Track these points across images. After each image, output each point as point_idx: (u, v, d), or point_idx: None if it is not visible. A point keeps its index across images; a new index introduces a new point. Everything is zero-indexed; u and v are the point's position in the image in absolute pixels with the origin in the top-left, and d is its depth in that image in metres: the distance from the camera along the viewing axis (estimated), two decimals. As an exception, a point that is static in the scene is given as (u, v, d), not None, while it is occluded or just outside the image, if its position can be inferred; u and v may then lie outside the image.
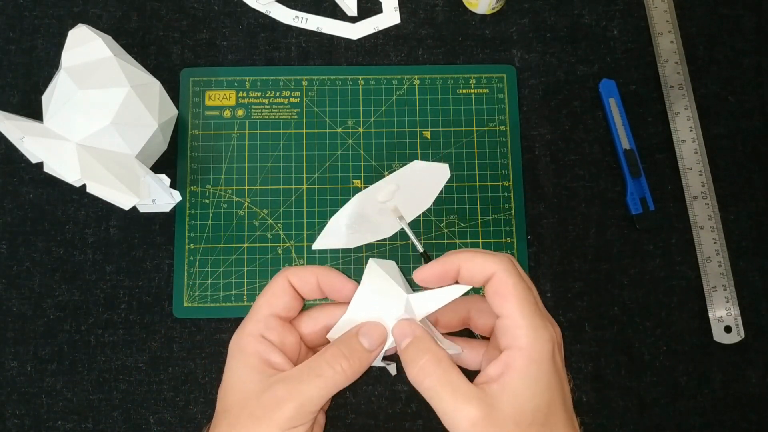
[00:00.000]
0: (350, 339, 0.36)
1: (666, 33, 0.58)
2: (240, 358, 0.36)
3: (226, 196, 0.54)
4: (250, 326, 0.37)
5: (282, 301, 0.37)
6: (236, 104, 0.56)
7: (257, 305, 0.37)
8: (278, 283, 0.38)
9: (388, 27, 0.58)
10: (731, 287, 0.53)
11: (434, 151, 0.55)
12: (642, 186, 0.55)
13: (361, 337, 0.36)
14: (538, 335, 0.33)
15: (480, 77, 0.57)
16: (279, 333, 0.37)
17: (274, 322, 0.37)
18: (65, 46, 0.48)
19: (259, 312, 0.37)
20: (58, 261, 0.53)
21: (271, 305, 0.37)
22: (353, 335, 0.37)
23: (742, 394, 0.52)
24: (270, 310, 0.37)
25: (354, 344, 0.36)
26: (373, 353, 0.36)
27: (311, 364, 0.35)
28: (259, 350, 0.36)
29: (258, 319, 0.37)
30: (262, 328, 0.37)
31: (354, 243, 0.53)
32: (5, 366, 0.52)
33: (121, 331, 0.52)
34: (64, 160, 0.45)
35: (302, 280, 0.38)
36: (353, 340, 0.36)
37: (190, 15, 0.58)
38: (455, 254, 0.36)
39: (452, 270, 0.36)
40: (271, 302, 0.37)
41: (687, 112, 0.56)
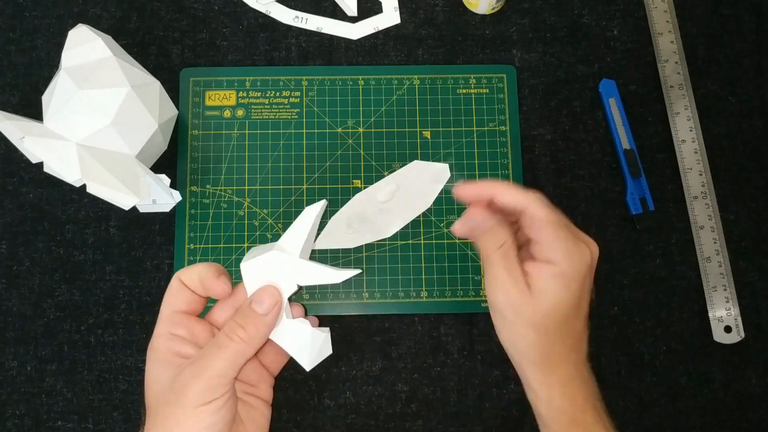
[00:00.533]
0: (244, 308, 0.39)
1: (666, 33, 0.58)
2: (154, 357, 0.38)
3: (226, 196, 0.54)
4: (159, 329, 0.39)
5: (179, 298, 0.39)
6: (236, 104, 0.56)
7: (160, 311, 0.40)
8: (172, 284, 0.40)
9: (388, 27, 0.58)
10: (731, 287, 0.53)
11: (434, 151, 0.55)
12: (642, 186, 0.55)
13: (253, 304, 0.38)
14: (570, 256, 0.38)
15: (480, 77, 0.57)
16: (186, 327, 0.39)
17: (179, 318, 0.39)
18: (65, 46, 0.48)
19: (162, 313, 0.39)
20: (58, 261, 0.53)
21: (171, 304, 0.39)
22: (247, 305, 0.39)
23: (742, 394, 0.52)
24: (171, 309, 0.39)
25: (247, 312, 0.38)
26: (269, 315, 0.38)
27: (213, 341, 0.37)
28: (169, 346, 0.38)
29: (163, 320, 0.39)
30: (168, 326, 0.39)
31: (354, 243, 0.53)
32: (5, 366, 0.52)
33: (121, 331, 0.52)
34: (64, 160, 0.45)
35: (188, 278, 0.40)
36: (246, 308, 0.38)
37: (190, 15, 0.58)
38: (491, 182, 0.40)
39: (486, 194, 0.39)
40: (169, 302, 0.39)
41: (687, 112, 0.56)
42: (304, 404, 0.51)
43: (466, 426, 0.51)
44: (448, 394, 0.52)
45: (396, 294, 0.53)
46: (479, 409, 0.52)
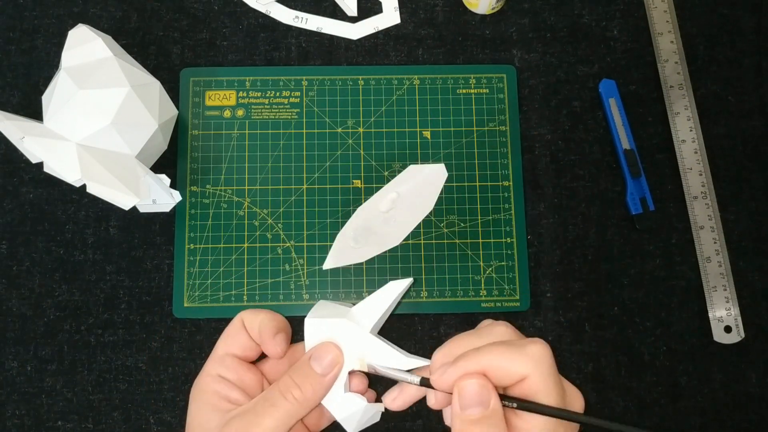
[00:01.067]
0: (302, 365, 0.37)
1: (666, 33, 0.58)
2: (200, 398, 0.37)
3: (226, 196, 0.54)
4: (209, 367, 0.37)
5: (236, 341, 0.38)
6: (236, 104, 0.56)
7: (215, 347, 0.38)
8: (233, 324, 0.38)
9: (388, 27, 0.58)
10: (731, 287, 0.53)
11: (434, 151, 0.55)
12: (642, 186, 0.55)
13: (312, 362, 0.36)
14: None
15: (480, 77, 0.57)
16: (236, 372, 0.37)
17: (231, 362, 0.37)
18: (65, 46, 0.48)
19: (215, 353, 0.38)
20: (58, 261, 0.53)
21: (227, 345, 0.38)
22: (305, 361, 0.37)
23: (742, 394, 0.52)
24: (225, 350, 0.37)
25: (305, 370, 0.36)
26: (328, 377, 0.36)
27: (266, 395, 0.36)
28: (217, 389, 0.36)
29: (214, 360, 0.37)
30: (218, 368, 0.37)
31: (364, 257, 0.53)
32: (5, 366, 0.52)
33: (121, 331, 0.52)
34: (64, 160, 0.45)
35: (250, 324, 0.38)
36: (305, 366, 0.36)
37: (190, 15, 0.58)
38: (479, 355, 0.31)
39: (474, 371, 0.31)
40: (227, 342, 0.38)
41: (687, 112, 0.56)
42: (304, 404, 0.51)
43: (466, 426, 0.51)
44: (448, 394, 0.52)
45: (396, 294, 0.53)
46: (479, 409, 0.52)
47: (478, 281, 0.53)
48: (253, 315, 0.38)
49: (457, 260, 0.53)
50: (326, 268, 0.53)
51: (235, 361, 0.37)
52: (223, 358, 0.37)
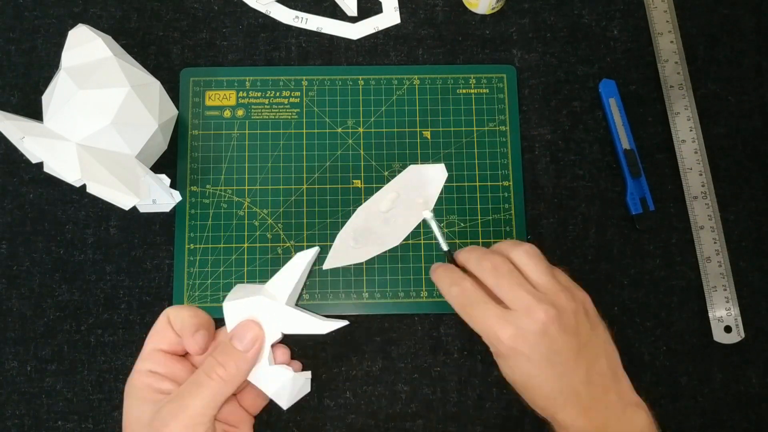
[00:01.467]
0: (224, 345, 0.38)
1: (666, 33, 0.58)
2: (132, 394, 0.38)
3: (226, 196, 0.54)
4: (138, 365, 0.39)
5: (163, 337, 0.39)
6: (236, 104, 0.56)
7: (144, 345, 0.39)
8: (159, 321, 0.40)
9: (388, 27, 0.58)
10: (731, 287, 0.53)
11: (434, 151, 0.55)
12: (642, 186, 0.55)
13: (234, 341, 0.38)
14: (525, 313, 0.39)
15: (480, 77, 0.57)
16: (166, 366, 0.38)
17: (159, 357, 0.39)
18: (65, 46, 0.48)
19: (144, 350, 0.39)
20: (58, 261, 0.53)
21: (154, 341, 0.39)
22: (227, 341, 0.38)
23: (742, 394, 0.52)
24: (153, 346, 0.39)
25: (228, 349, 0.38)
26: (250, 352, 0.38)
27: (192, 379, 0.37)
28: (149, 383, 0.38)
29: (144, 357, 0.39)
30: (148, 363, 0.38)
31: (363, 257, 0.53)
32: (5, 366, 0.52)
33: (121, 331, 0.52)
34: (64, 160, 0.45)
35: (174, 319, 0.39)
36: (227, 346, 0.38)
37: (190, 15, 0.58)
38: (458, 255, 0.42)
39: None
40: (153, 339, 0.39)
41: (687, 112, 0.56)
42: (304, 404, 0.51)
43: (466, 426, 0.51)
44: (448, 394, 0.52)
45: (396, 294, 0.53)
46: (479, 409, 0.52)
47: (478, 281, 0.53)
48: (177, 311, 0.39)
49: (457, 260, 0.53)
50: (326, 268, 0.53)
51: (163, 356, 0.39)
52: (152, 354, 0.39)
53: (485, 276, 0.41)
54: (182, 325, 0.39)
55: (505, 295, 0.40)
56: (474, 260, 0.42)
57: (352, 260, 0.53)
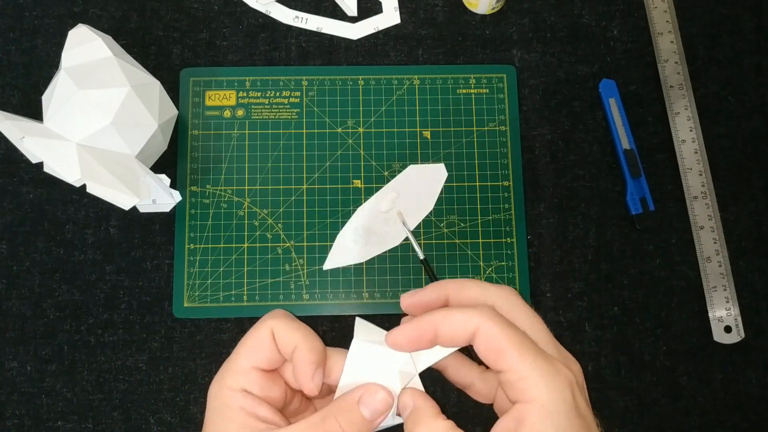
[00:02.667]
0: (350, 409, 0.33)
1: (666, 33, 0.58)
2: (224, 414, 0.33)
3: (226, 196, 0.54)
4: (231, 379, 0.34)
5: (264, 355, 0.34)
6: (236, 104, 0.56)
7: (237, 354, 0.34)
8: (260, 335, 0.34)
9: (388, 27, 0.58)
10: (731, 287, 0.53)
11: (434, 151, 0.55)
12: (642, 186, 0.55)
13: (362, 407, 0.33)
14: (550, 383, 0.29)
15: (480, 77, 0.57)
16: (262, 387, 0.34)
17: (256, 376, 0.34)
18: (65, 46, 0.48)
19: (238, 363, 0.34)
20: (58, 261, 0.53)
21: (252, 358, 0.34)
22: (353, 404, 0.33)
23: (742, 394, 0.52)
24: (251, 363, 0.34)
25: (354, 416, 0.33)
26: (376, 421, 0.33)
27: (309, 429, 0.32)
28: (244, 405, 0.33)
29: (238, 372, 0.34)
30: (243, 381, 0.34)
31: (363, 257, 0.53)
32: (5, 366, 0.52)
33: (121, 331, 0.52)
34: (64, 160, 0.45)
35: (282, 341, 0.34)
36: (353, 411, 0.33)
37: (190, 15, 0.58)
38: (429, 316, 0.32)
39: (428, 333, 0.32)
40: (251, 355, 0.34)
41: (687, 112, 0.56)
42: (304, 404, 0.51)
43: (466, 426, 0.51)
44: (448, 394, 0.52)
45: (396, 294, 0.53)
46: (479, 409, 0.52)
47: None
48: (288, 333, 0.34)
49: (457, 260, 0.53)
50: (326, 268, 0.53)
51: (260, 375, 0.34)
52: (249, 372, 0.34)
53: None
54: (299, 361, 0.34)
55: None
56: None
57: (352, 260, 0.53)
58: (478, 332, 0.30)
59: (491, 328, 0.30)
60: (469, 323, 0.31)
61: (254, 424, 0.33)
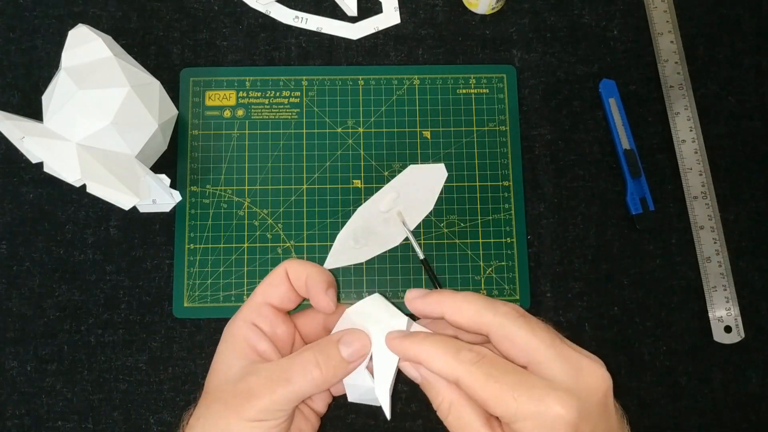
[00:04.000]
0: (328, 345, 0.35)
1: (666, 33, 0.58)
2: (229, 342, 0.36)
3: (226, 196, 0.54)
4: (244, 312, 0.37)
5: (277, 291, 0.37)
6: (236, 104, 0.56)
7: (254, 293, 0.37)
8: (276, 273, 0.37)
9: (388, 27, 0.58)
10: (731, 287, 0.53)
11: (434, 151, 0.55)
12: (642, 186, 0.55)
13: (341, 345, 0.34)
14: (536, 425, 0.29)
15: (480, 77, 0.57)
16: (270, 322, 0.37)
17: (267, 311, 0.37)
18: (65, 46, 0.48)
19: (253, 299, 0.37)
20: (58, 261, 0.53)
21: (266, 294, 0.37)
22: (333, 342, 0.35)
23: (742, 394, 0.52)
24: (264, 299, 0.37)
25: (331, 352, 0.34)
26: (352, 364, 0.35)
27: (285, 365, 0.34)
28: (248, 336, 0.36)
29: (251, 307, 0.37)
30: (254, 315, 0.37)
31: (364, 257, 0.53)
32: (5, 366, 0.52)
33: (121, 331, 0.52)
34: (64, 160, 0.45)
35: (295, 274, 0.37)
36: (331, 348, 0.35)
37: (190, 15, 0.58)
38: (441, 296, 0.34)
39: (436, 311, 0.34)
40: (266, 291, 0.37)
41: (687, 112, 0.56)
42: (304, 404, 0.51)
43: (466, 426, 0.51)
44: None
45: (396, 294, 0.53)
46: (479, 409, 0.52)
47: (478, 281, 0.53)
48: (300, 266, 0.37)
49: (457, 260, 0.53)
50: (326, 268, 0.53)
51: (271, 311, 0.37)
52: (260, 307, 0.37)
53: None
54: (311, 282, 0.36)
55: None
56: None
57: (352, 260, 0.53)
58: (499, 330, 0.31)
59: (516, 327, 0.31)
60: (487, 320, 0.32)
61: (252, 356, 0.35)
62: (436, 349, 0.32)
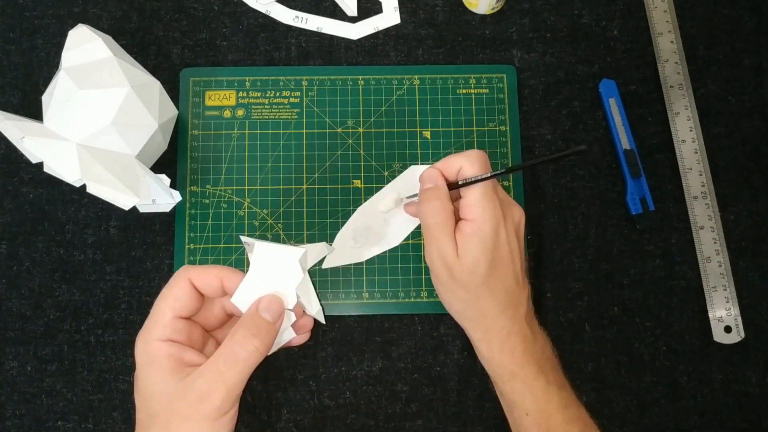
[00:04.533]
0: (254, 317, 0.38)
1: (666, 33, 0.58)
2: (153, 364, 0.37)
3: (226, 196, 0.54)
4: (156, 331, 0.38)
5: (185, 304, 0.38)
6: (236, 104, 0.56)
7: (159, 308, 0.38)
8: (179, 285, 0.39)
9: (388, 27, 0.58)
10: (731, 287, 0.53)
11: (434, 151, 0.55)
12: (642, 186, 0.55)
13: (263, 313, 0.38)
14: (486, 213, 0.42)
15: (480, 77, 0.57)
16: (186, 333, 0.38)
17: (180, 324, 0.38)
18: (65, 46, 0.48)
19: (163, 316, 0.38)
20: (58, 261, 0.53)
21: (174, 308, 0.38)
22: (255, 313, 0.38)
23: (742, 394, 0.52)
24: (173, 313, 0.38)
25: (259, 321, 0.38)
26: (277, 324, 0.38)
27: (225, 351, 0.37)
28: (171, 353, 0.37)
29: (164, 324, 0.38)
30: (168, 332, 0.38)
31: (364, 256, 0.53)
32: (5, 366, 0.52)
33: (121, 331, 0.52)
34: (64, 160, 0.45)
35: (205, 282, 0.39)
36: (257, 318, 0.38)
37: (190, 15, 0.58)
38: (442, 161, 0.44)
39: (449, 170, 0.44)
40: (173, 306, 0.38)
41: (687, 112, 0.56)
42: (304, 404, 0.51)
43: (466, 426, 0.51)
44: (448, 394, 0.52)
45: (396, 294, 0.53)
46: (479, 409, 0.52)
47: (478, 281, 0.53)
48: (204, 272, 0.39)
49: (457, 260, 0.53)
50: (326, 267, 0.53)
51: (183, 323, 0.38)
52: (173, 322, 0.38)
53: None
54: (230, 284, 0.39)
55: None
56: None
57: (352, 259, 0.53)
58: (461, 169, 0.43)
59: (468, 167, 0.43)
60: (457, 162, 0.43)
61: (182, 368, 0.37)
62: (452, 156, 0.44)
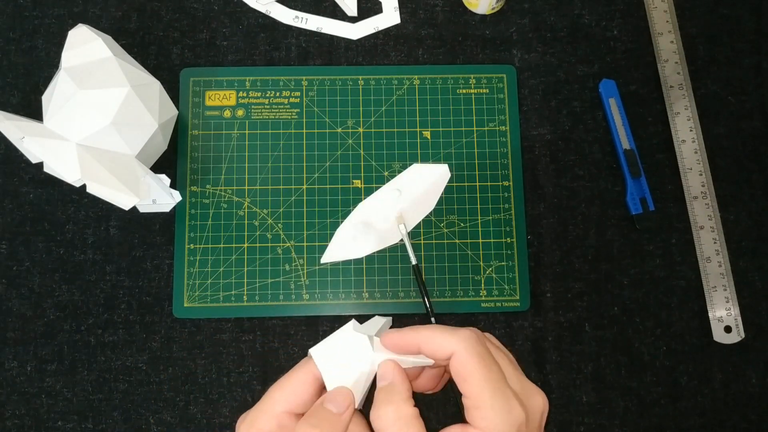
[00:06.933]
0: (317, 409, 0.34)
1: (666, 33, 0.58)
2: None
3: (226, 196, 0.54)
4: (264, 422, 0.35)
5: (303, 399, 0.35)
6: (236, 104, 0.56)
7: (272, 398, 0.35)
8: (302, 379, 0.35)
9: (388, 27, 0.58)
10: (731, 287, 0.53)
11: (434, 151, 0.55)
12: (642, 186, 0.55)
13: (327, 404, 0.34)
14: (500, 418, 0.32)
15: (480, 77, 0.57)
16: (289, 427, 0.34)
17: (287, 420, 0.35)
18: (65, 46, 0.48)
19: (274, 407, 0.35)
20: (58, 261, 0.53)
21: (290, 402, 0.35)
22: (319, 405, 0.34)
23: (742, 394, 0.52)
24: (286, 407, 0.35)
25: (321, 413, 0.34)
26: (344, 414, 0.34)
27: None
28: None
29: (272, 415, 0.35)
30: (273, 425, 0.34)
31: (362, 252, 0.53)
32: (5, 366, 0.52)
33: (121, 331, 0.52)
34: (64, 160, 0.45)
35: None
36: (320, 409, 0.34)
37: (190, 15, 0.58)
38: (416, 331, 0.35)
39: (413, 346, 0.35)
40: (289, 399, 0.35)
41: (687, 112, 0.56)
42: (304, 404, 0.51)
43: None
44: (448, 394, 0.52)
45: (396, 294, 0.53)
46: (479, 409, 0.52)
47: (478, 281, 0.53)
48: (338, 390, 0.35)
49: (457, 260, 0.53)
50: (324, 261, 0.53)
51: (291, 417, 0.35)
52: (282, 417, 0.34)
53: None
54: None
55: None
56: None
57: (350, 255, 0.53)
58: (454, 356, 0.33)
59: (466, 357, 0.33)
60: (448, 346, 0.33)
61: None
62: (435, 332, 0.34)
